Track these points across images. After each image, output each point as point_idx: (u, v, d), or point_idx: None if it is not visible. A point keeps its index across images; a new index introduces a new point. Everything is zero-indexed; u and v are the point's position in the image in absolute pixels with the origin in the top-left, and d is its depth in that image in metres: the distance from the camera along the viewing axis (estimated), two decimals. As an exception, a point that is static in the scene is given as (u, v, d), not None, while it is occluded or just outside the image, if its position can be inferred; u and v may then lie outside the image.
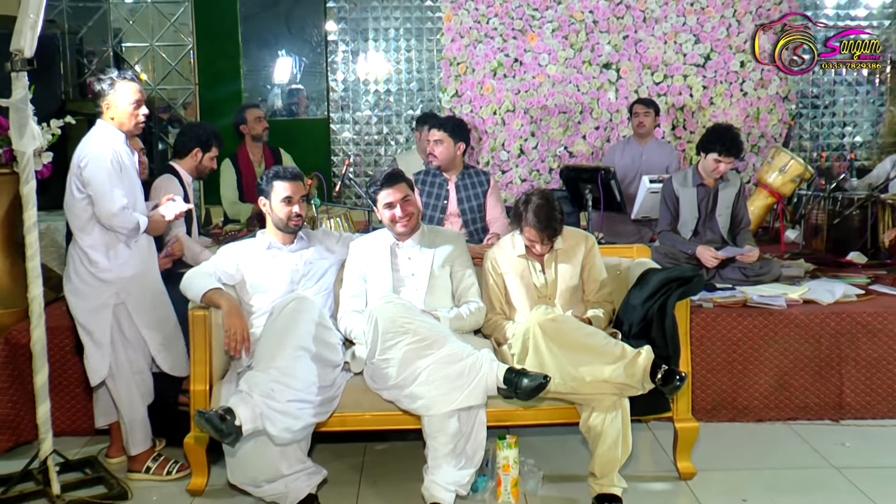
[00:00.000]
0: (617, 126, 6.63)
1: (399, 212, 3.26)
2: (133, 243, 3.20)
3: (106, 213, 3.09)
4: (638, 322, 3.14)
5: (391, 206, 3.26)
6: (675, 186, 4.38)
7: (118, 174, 3.11)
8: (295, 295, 3.09)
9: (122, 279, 3.18)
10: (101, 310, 3.17)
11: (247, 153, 5.33)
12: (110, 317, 3.18)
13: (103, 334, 3.18)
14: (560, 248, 3.37)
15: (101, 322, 3.18)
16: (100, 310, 3.17)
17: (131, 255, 3.20)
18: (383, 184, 3.26)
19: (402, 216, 3.26)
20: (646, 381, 2.89)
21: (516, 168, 6.66)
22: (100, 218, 3.11)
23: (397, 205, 3.26)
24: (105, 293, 3.17)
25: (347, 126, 6.80)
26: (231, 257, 3.27)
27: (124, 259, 3.19)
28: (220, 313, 3.07)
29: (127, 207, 3.11)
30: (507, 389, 2.82)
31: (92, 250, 3.15)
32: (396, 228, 3.28)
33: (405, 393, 2.86)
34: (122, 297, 3.19)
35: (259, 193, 3.33)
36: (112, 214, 3.08)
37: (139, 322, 3.23)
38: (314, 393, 2.88)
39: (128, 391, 3.25)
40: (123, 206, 3.10)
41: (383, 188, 3.26)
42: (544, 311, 3.02)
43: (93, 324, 3.18)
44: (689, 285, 3.15)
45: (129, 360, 3.23)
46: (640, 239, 5.16)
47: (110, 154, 3.10)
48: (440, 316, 3.12)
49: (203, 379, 3.05)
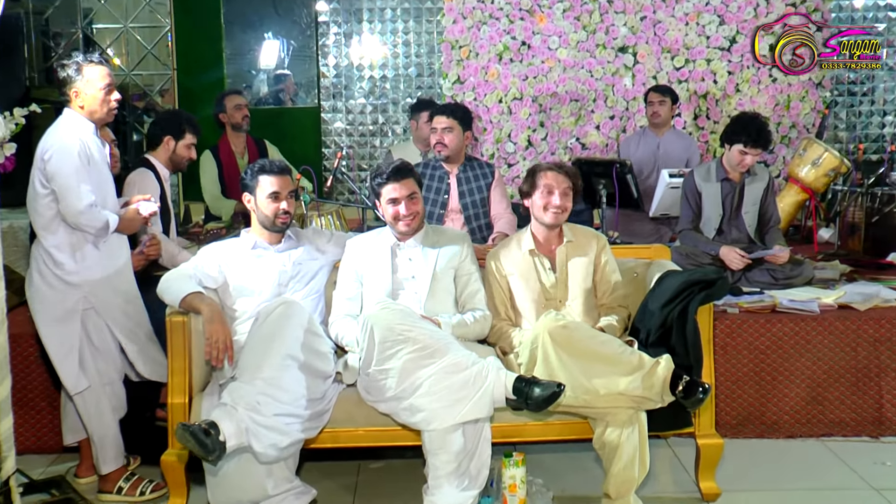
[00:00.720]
0: (633, 115, 6.64)
1: (404, 209, 3.26)
2: (101, 243, 3.21)
3: (71, 210, 3.09)
4: (656, 329, 3.14)
5: (396, 202, 3.27)
6: (697, 181, 4.39)
7: (86, 168, 3.11)
8: (282, 299, 3.10)
9: (89, 282, 3.18)
10: (68, 315, 3.18)
11: (228, 144, 5.34)
12: (78, 323, 3.19)
13: (71, 342, 3.18)
14: (571, 241, 3.39)
15: (68, 329, 3.18)
16: (66, 315, 3.18)
17: (100, 256, 3.21)
18: (390, 177, 3.27)
19: (407, 214, 3.27)
20: (665, 393, 2.89)
21: (523, 161, 6.67)
22: (65, 216, 3.11)
23: (402, 201, 3.26)
24: (71, 297, 3.17)
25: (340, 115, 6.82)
26: (213, 258, 3.28)
27: (92, 261, 3.19)
28: (200, 319, 3.08)
29: (95, 205, 3.12)
30: (517, 400, 2.82)
31: (57, 251, 3.16)
32: (399, 227, 3.29)
33: (404, 405, 2.86)
34: (90, 301, 3.19)
35: (243, 189, 3.33)
36: (78, 212, 3.09)
37: (114, 328, 3.24)
38: (303, 406, 2.89)
39: (97, 405, 3.25)
40: (91, 204, 3.10)
41: (389, 182, 3.27)
42: (554, 317, 3.03)
43: (58, 330, 3.18)
44: (712, 289, 3.16)
45: (98, 370, 3.24)
46: (659, 238, 5.17)
47: (77, 146, 3.10)
48: (441, 322, 3.13)
49: (182, 391, 3.05)
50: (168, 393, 3.07)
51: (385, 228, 3.43)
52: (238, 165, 5.31)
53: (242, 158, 5.37)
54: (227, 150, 5.33)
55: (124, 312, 3.28)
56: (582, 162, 4.82)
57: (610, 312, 3.34)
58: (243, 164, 5.31)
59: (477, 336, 3.30)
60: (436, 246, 3.36)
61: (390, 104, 6.84)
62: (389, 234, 3.38)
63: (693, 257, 4.23)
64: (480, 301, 3.35)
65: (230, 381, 2.94)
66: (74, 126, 3.17)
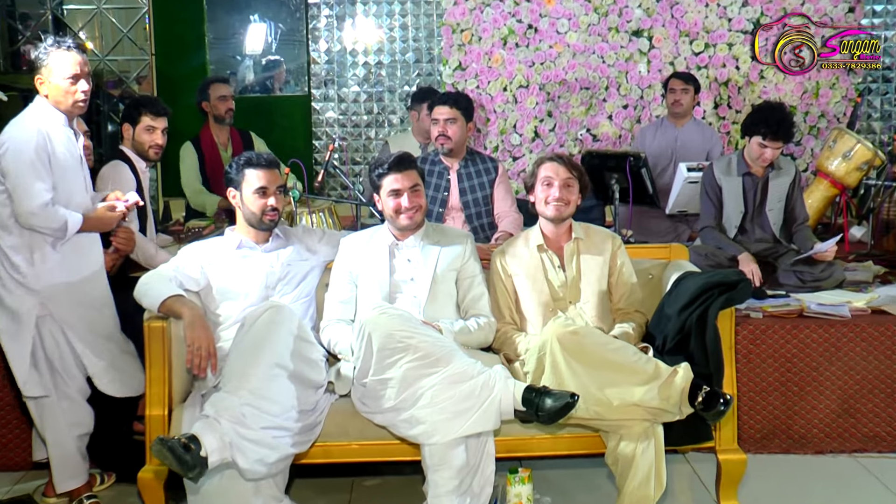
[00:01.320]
0: (649, 104, 6.65)
1: (406, 201, 3.28)
2: (60, 245, 3.17)
3: (23, 210, 3.06)
4: (674, 335, 3.15)
5: (398, 193, 3.29)
6: (717, 175, 4.40)
7: (44, 164, 3.07)
8: (270, 303, 3.10)
9: (48, 288, 3.16)
10: (22, 321, 3.16)
11: (211, 135, 5.36)
12: (32, 331, 3.17)
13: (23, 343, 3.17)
14: (580, 238, 3.40)
15: (22, 336, 3.17)
16: (20, 321, 3.16)
17: (60, 259, 3.18)
18: (391, 167, 3.29)
19: (410, 207, 3.28)
20: (683, 404, 2.90)
21: (530, 154, 6.68)
22: (17, 216, 3.09)
23: (405, 193, 3.28)
24: (27, 303, 3.16)
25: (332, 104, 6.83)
26: (194, 259, 3.28)
27: (52, 264, 3.17)
28: (180, 324, 3.08)
29: (51, 203, 3.08)
30: (527, 412, 2.82)
31: (13, 252, 3.14)
32: (400, 221, 3.31)
33: (403, 417, 2.87)
34: (48, 308, 3.18)
35: (228, 183, 3.34)
36: (30, 213, 3.06)
37: (75, 340, 3.22)
38: (293, 418, 2.89)
39: (52, 419, 3.24)
40: (45, 203, 3.06)
41: (391, 172, 3.29)
42: (563, 322, 3.03)
43: (12, 336, 3.17)
44: (734, 292, 3.16)
45: (54, 383, 3.23)
46: (677, 237, 5.18)
47: (35, 140, 3.07)
48: (443, 328, 3.13)
49: (160, 402, 3.05)
50: (146, 404, 3.07)
51: (382, 227, 3.44)
52: (222, 158, 5.32)
53: (226, 151, 5.38)
54: (210, 142, 5.34)
55: (89, 323, 3.25)
56: (593, 155, 4.83)
57: (626, 319, 3.34)
58: (227, 156, 5.33)
59: (480, 344, 3.30)
60: (437, 246, 3.37)
61: (386, 92, 6.85)
62: (387, 232, 3.39)
63: (713, 257, 4.23)
64: (484, 306, 3.36)
65: (213, 392, 2.94)
66: (40, 117, 3.14)
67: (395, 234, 3.38)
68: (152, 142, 3.97)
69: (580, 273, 3.38)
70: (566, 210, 3.38)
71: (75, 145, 3.24)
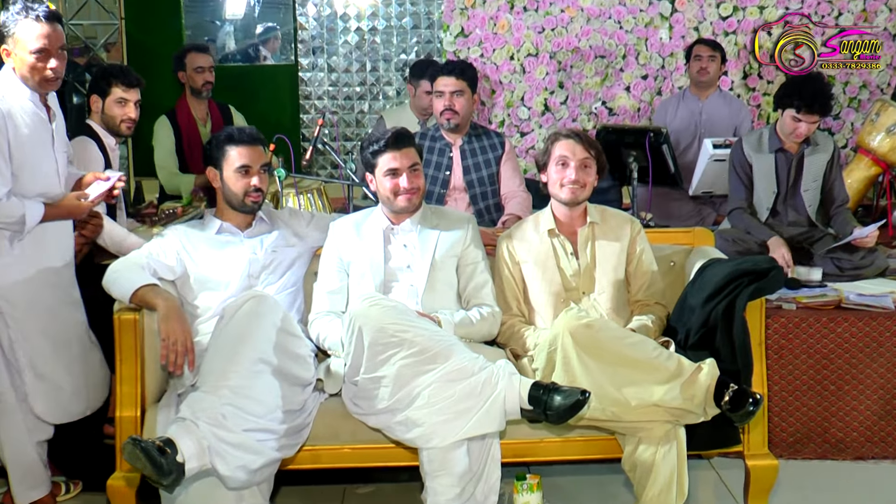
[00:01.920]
0: (670, 75, 6.63)
1: (405, 182, 3.29)
2: (17, 241, 3.14)
3: None
4: (698, 328, 3.16)
5: (395, 173, 3.29)
6: (746, 151, 4.40)
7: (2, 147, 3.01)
8: (253, 293, 3.11)
9: (2, 287, 3.14)
10: None
11: (188, 109, 5.35)
12: None
13: None
14: (596, 223, 3.40)
15: None
16: None
17: (19, 255, 3.15)
18: (388, 144, 3.29)
19: (409, 188, 3.29)
20: (708, 404, 2.90)
21: (539, 129, 6.68)
22: None
23: (404, 173, 3.29)
24: None
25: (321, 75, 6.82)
26: (170, 244, 3.28)
27: (8, 260, 3.14)
28: (154, 316, 3.09)
29: (6, 197, 3.02)
30: (534, 411, 2.82)
31: None
32: (397, 203, 3.31)
33: (398, 419, 2.87)
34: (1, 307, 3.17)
35: (207, 161, 3.34)
36: None
37: (18, 346, 3.19)
38: (278, 420, 2.89)
39: (10, 423, 3.24)
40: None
41: (388, 150, 3.29)
42: (576, 314, 3.04)
43: None
44: (764, 280, 3.16)
45: (13, 385, 3.23)
46: (701, 221, 5.18)
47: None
48: (442, 320, 3.14)
49: (132, 402, 3.05)
50: (116, 405, 3.07)
51: (376, 209, 3.45)
52: (200, 134, 5.32)
53: (205, 126, 5.38)
54: (187, 116, 5.34)
55: (45, 327, 3.21)
56: (609, 130, 4.82)
57: (645, 311, 3.35)
58: (206, 132, 5.32)
59: (484, 337, 3.31)
60: (435, 230, 3.37)
61: (381, 61, 6.84)
62: (381, 215, 3.40)
63: (741, 243, 4.24)
64: (488, 295, 3.36)
65: (190, 391, 2.95)
66: (2, 92, 3.08)
67: (390, 217, 3.38)
68: (124, 115, 3.96)
69: (595, 260, 3.39)
70: (582, 193, 3.38)
71: (46, 125, 3.18)
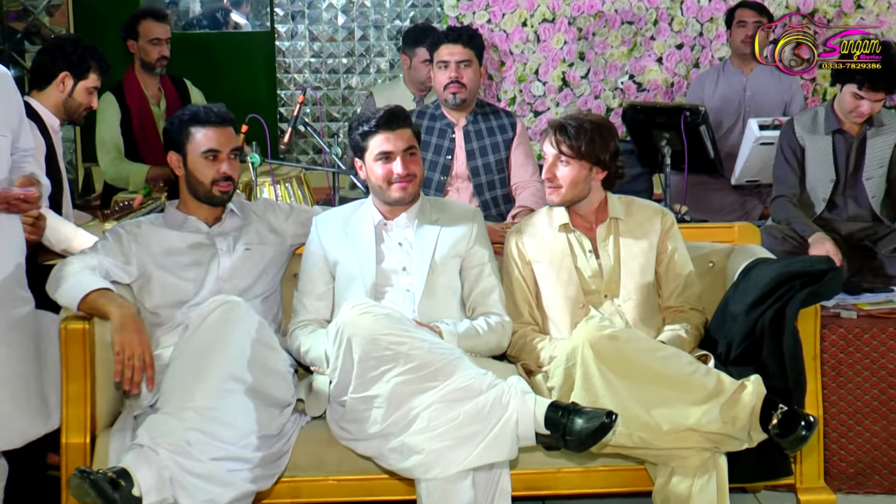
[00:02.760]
0: (710, 44, 6.62)
1: (400, 167, 3.28)
2: None
3: None
4: (741, 340, 3.15)
5: (388, 157, 3.29)
6: (799, 133, 4.39)
7: None
8: (222, 299, 3.09)
9: None
10: None
11: (138, 84, 5.33)
12: None
13: None
14: (619, 217, 3.38)
15: None
16: None
17: None
18: (381, 124, 3.29)
19: (404, 175, 3.29)
20: (754, 429, 2.90)
21: (556, 108, 6.66)
22: None
23: (398, 157, 3.28)
24: None
25: (301, 44, 6.80)
26: (125, 241, 3.28)
27: None
28: (107, 326, 3.08)
29: None
30: (552, 436, 2.82)
31: None
32: (390, 193, 3.31)
33: (393, 445, 2.87)
34: None
35: (168, 145, 3.33)
36: None
37: None
38: (252, 447, 2.89)
39: None
40: None
41: (380, 130, 3.29)
42: (598, 323, 3.02)
43: None
44: (819, 284, 3.16)
45: None
46: (745, 215, 5.18)
47: None
48: (443, 331, 3.14)
49: (81, 426, 3.05)
50: (62, 429, 3.07)
51: (366, 201, 3.44)
52: (152, 114, 5.30)
53: (158, 105, 5.36)
54: (137, 93, 5.31)
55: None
56: (637, 108, 4.83)
57: (678, 319, 3.34)
58: (159, 112, 5.31)
59: (492, 351, 3.31)
60: (436, 225, 3.37)
61: (371, 28, 6.82)
62: (372, 208, 3.40)
63: (791, 240, 4.22)
64: (497, 302, 3.36)
65: (149, 413, 2.94)
66: None
67: (382, 210, 3.38)
68: (90, 104, 4.01)
69: (619, 260, 3.36)
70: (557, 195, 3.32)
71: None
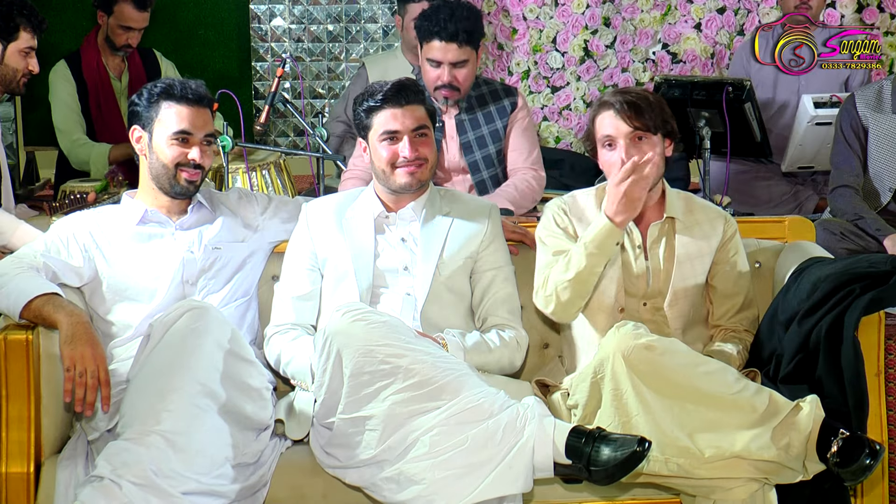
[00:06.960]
0: (756, 7, 6.63)
1: (407, 149, 3.30)
2: None
3: None
4: (793, 353, 3.15)
5: (395, 137, 3.31)
6: (861, 111, 4.41)
7: None
8: (189, 304, 3.10)
9: None
10: None
11: (97, 53, 5.33)
12: None
13: None
14: (677, 217, 3.35)
15: None
16: None
17: None
18: (387, 98, 3.30)
19: (413, 158, 3.30)
20: (810, 457, 2.90)
21: (577, 82, 6.66)
22: None
23: (405, 137, 3.30)
24: None
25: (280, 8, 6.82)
26: (75, 238, 3.29)
27: None
28: (55, 337, 3.09)
29: None
30: (574, 466, 2.83)
31: None
32: (395, 178, 3.33)
33: (388, 474, 2.87)
34: None
35: (132, 119, 3.33)
36: None
37: None
38: (228, 477, 2.90)
39: None
40: None
41: (386, 106, 3.31)
42: (631, 330, 3.02)
43: None
44: (884, 288, 3.15)
45: None
46: (798, 207, 5.19)
47: None
48: (448, 343, 3.16)
49: (23, 454, 3.05)
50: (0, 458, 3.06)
51: (367, 188, 3.46)
52: (113, 89, 5.31)
53: (120, 80, 5.36)
54: (95, 64, 5.32)
55: None
56: (671, 83, 4.84)
57: (730, 338, 3.34)
58: (121, 87, 5.32)
59: (503, 370, 3.32)
60: (446, 218, 3.40)
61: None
62: (374, 197, 3.41)
63: (853, 238, 4.24)
64: (511, 312, 3.38)
65: (108, 439, 2.95)
66: None
67: (385, 200, 3.39)
68: (28, 68, 4.02)
69: (671, 263, 3.35)
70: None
71: None
